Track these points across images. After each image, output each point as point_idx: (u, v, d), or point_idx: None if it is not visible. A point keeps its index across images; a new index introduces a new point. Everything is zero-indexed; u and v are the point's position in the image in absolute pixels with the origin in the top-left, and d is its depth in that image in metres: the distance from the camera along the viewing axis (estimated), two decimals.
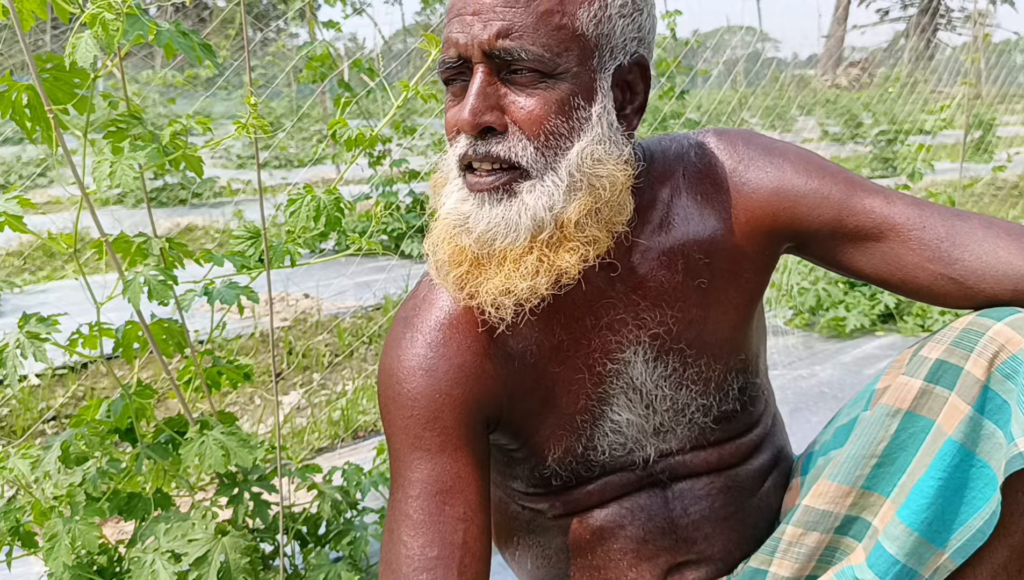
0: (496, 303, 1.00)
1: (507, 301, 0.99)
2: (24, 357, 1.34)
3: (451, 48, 0.98)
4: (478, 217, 0.98)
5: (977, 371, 0.94)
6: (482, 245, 0.99)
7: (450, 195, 1.02)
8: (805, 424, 2.63)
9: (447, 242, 1.01)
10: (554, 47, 0.96)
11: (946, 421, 0.95)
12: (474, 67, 0.97)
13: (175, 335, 1.55)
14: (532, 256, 0.99)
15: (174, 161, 1.45)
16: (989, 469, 0.93)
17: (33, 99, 1.37)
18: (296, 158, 10.88)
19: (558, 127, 0.97)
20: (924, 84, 11.13)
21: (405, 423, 1.06)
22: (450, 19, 0.99)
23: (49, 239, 1.41)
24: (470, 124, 0.96)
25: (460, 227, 1.00)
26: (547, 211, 0.98)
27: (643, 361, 1.12)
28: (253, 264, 1.48)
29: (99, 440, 1.49)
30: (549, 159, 0.98)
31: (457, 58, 0.98)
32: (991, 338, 0.94)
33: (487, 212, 0.98)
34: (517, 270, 0.99)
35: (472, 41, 0.96)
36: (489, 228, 0.98)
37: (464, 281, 1.01)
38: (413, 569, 1.00)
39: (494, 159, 0.98)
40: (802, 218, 1.09)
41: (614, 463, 1.15)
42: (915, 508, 0.95)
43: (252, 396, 3.25)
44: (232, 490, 1.58)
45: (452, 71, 1.00)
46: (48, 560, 1.41)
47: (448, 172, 1.04)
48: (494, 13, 0.95)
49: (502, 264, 0.99)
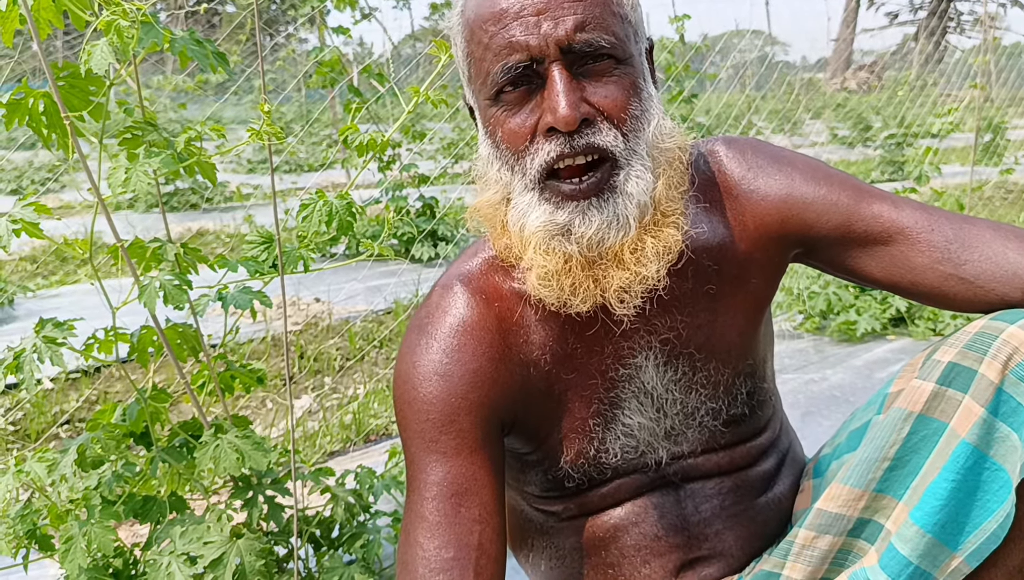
0: (622, 297, 1.01)
1: (637, 289, 1.01)
2: (41, 361, 1.35)
3: (516, 52, 0.97)
4: (583, 222, 0.99)
5: (991, 374, 0.94)
6: (592, 247, 0.99)
7: (530, 210, 1.01)
8: (817, 428, 2.63)
9: (547, 254, 1.01)
10: (619, 33, 0.99)
11: (960, 424, 0.95)
12: (548, 67, 0.96)
13: (189, 340, 1.56)
14: (647, 240, 1.01)
15: (188, 168, 1.46)
16: (1004, 472, 0.93)
17: (49, 106, 1.38)
18: (306, 163, 10.92)
19: (636, 110, 1.00)
20: (933, 87, 11.11)
21: (421, 427, 1.06)
22: (504, 25, 0.97)
23: (65, 245, 1.43)
24: (572, 118, 0.95)
25: (561, 237, 1.00)
26: (646, 194, 1.00)
27: (654, 366, 1.13)
28: (267, 269, 1.49)
29: (115, 444, 1.50)
30: (632, 143, 1.00)
31: (528, 61, 0.97)
32: (1005, 341, 0.94)
33: (594, 215, 0.99)
34: (640, 259, 1.01)
35: (546, 40, 0.95)
36: (599, 229, 0.99)
37: (578, 286, 1.02)
38: (429, 570, 1.01)
39: (594, 149, 0.98)
40: (811, 224, 1.11)
41: (626, 466, 1.16)
42: (928, 510, 0.95)
43: (264, 400, 3.26)
44: (246, 493, 1.59)
45: (515, 77, 0.98)
46: (64, 562, 1.42)
47: (511, 187, 1.03)
48: (563, 9, 0.96)
49: (620, 259, 1.00)
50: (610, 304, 1.02)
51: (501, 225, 1.07)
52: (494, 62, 0.98)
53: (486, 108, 1.03)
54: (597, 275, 1.01)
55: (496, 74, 0.98)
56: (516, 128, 1.00)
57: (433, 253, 5.20)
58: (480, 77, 1.02)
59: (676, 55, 5.85)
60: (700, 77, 6.23)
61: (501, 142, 1.02)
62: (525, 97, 0.99)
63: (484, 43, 0.99)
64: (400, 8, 20.16)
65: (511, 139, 1.01)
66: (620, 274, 1.00)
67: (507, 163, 1.02)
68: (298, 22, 7.00)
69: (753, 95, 10.60)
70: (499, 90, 1.00)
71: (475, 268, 1.13)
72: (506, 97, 1.00)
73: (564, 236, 1.00)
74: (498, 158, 1.04)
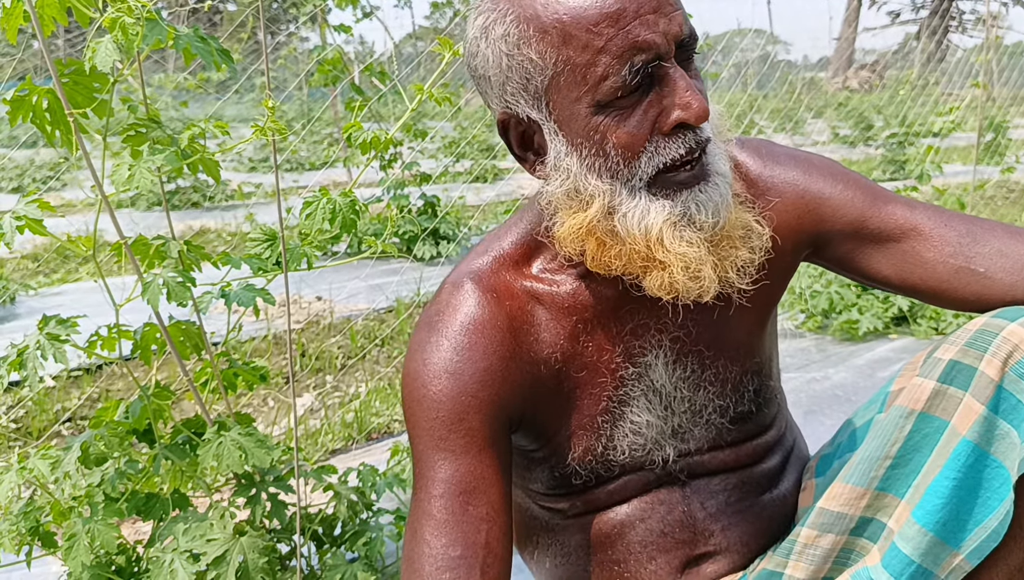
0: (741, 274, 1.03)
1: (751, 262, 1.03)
2: (44, 358, 1.35)
3: (642, 52, 0.92)
4: (700, 208, 0.99)
5: (991, 371, 0.94)
6: (713, 229, 1.00)
7: (646, 210, 0.99)
8: (819, 426, 2.63)
9: (688, 245, 0.99)
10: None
11: (960, 421, 0.95)
12: (666, 64, 0.95)
13: (192, 337, 1.56)
14: (742, 218, 1.03)
15: (191, 165, 1.46)
16: (1004, 469, 0.93)
17: (53, 103, 1.38)
18: (308, 161, 10.93)
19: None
20: (935, 86, 11.10)
21: (430, 425, 1.05)
22: (624, 25, 0.92)
23: (68, 242, 1.43)
24: (707, 112, 0.95)
25: (686, 226, 0.99)
26: (729, 174, 1.02)
27: (663, 364, 1.13)
28: (270, 266, 1.49)
29: (118, 441, 1.50)
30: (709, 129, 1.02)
31: (655, 60, 0.94)
32: (1005, 338, 0.95)
33: (707, 199, 0.99)
34: (745, 235, 1.03)
35: (666, 37, 0.93)
36: (715, 210, 0.99)
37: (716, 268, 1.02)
38: (436, 568, 1.00)
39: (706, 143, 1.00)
40: (825, 220, 1.13)
41: (634, 463, 1.16)
42: (930, 508, 0.95)
43: (266, 399, 3.27)
44: (249, 491, 1.59)
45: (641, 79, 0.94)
46: (67, 559, 1.42)
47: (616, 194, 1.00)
48: (670, 6, 0.95)
49: (732, 237, 1.02)
50: (732, 281, 1.03)
51: (610, 237, 1.01)
52: (613, 65, 0.92)
53: (586, 117, 0.96)
54: (721, 255, 1.02)
55: (622, 76, 0.93)
56: (634, 131, 0.96)
57: (435, 252, 5.20)
58: (584, 84, 0.95)
59: None
60: (704, 76, 6.23)
61: (612, 149, 0.97)
62: (638, 101, 0.96)
63: (597, 46, 0.92)
64: (401, 7, 20.15)
65: (629, 143, 0.96)
66: (739, 253, 1.02)
67: (609, 171, 0.98)
68: (300, 21, 7.01)
69: (755, 94, 10.60)
70: (618, 96, 0.94)
71: (485, 266, 1.12)
72: (622, 102, 0.95)
73: (688, 225, 0.99)
74: (596, 168, 0.98)
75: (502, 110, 1.03)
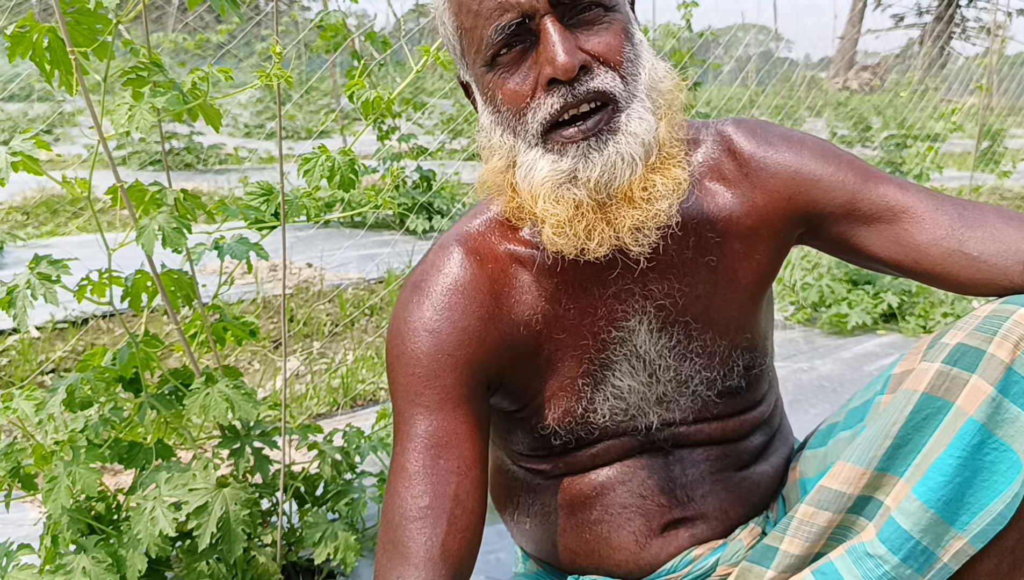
0: (636, 236, 1.01)
1: (651, 226, 1.01)
2: (35, 297, 1.34)
3: (507, 12, 0.97)
4: (587, 166, 0.99)
5: (1002, 353, 0.93)
6: (600, 189, 0.99)
7: (534, 164, 1.01)
8: (804, 416, 2.64)
9: (557, 203, 1.00)
10: None
11: (967, 402, 0.94)
12: (540, 21, 0.97)
13: (184, 286, 1.55)
14: (655, 179, 1.01)
15: (192, 112, 1.44)
16: (1012, 452, 0.92)
17: (54, 41, 1.36)
18: (304, 128, 10.86)
19: (630, 54, 1.01)
20: (935, 92, 11.11)
21: (407, 381, 1.10)
22: None
23: (63, 182, 1.41)
24: (571, 65, 0.95)
25: (568, 184, 0.99)
26: (650, 134, 1.00)
27: (647, 330, 1.14)
28: (268, 217, 1.48)
29: (104, 386, 1.49)
30: (631, 87, 1.00)
31: (520, 18, 0.97)
32: (1016, 321, 0.94)
33: (597, 157, 0.98)
34: (651, 197, 1.00)
35: None
36: (604, 170, 0.98)
37: (592, 229, 1.01)
38: (404, 518, 1.04)
39: (596, 94, 0.98)
40: (817, 201, 1.13)
41: (615, 428, 1.17)
42: (932, 486, 0.95)
43: (252, 360, 3.25)
44: (234, 443, 1.58)
45: (509, 37, 0.98)
46: (47, 501, 1.41)
47: (515, 149, 1.03)
48: None
49: (631, 198, 1.00)
50: (625, 244, 1.01)
51: (511, 189, 1.06)
52: (486, 26, 0.98)
53: (483, 76, 1.03)
54: (609, 217, 1.00)
55: (490, 37, 0.98)
56: (516, 87, 1.00)
57: (428, 225, 5.19)
58: (474, 46, 1.02)
59: (681, 41, 5.83)
60: (706, 67, 6.21)
61: (502, 105, 1.02)
62: (520, 57, 0.99)
63: (474, 10, 0.99)
64: None
65: (512, 99, 1.01)
66: (633, 213, 1.00)
67: (509, 126, 1.03)
68: None
69: (755, 90, 10.56)
70: (495, 54, 1.00)
71: (474, 229, 1.15)
72: (502, 59, 1.00)
73: (571, 182, 0.99)
74: (499, 123, 1.04)
75: (458, 75, 1.12)
